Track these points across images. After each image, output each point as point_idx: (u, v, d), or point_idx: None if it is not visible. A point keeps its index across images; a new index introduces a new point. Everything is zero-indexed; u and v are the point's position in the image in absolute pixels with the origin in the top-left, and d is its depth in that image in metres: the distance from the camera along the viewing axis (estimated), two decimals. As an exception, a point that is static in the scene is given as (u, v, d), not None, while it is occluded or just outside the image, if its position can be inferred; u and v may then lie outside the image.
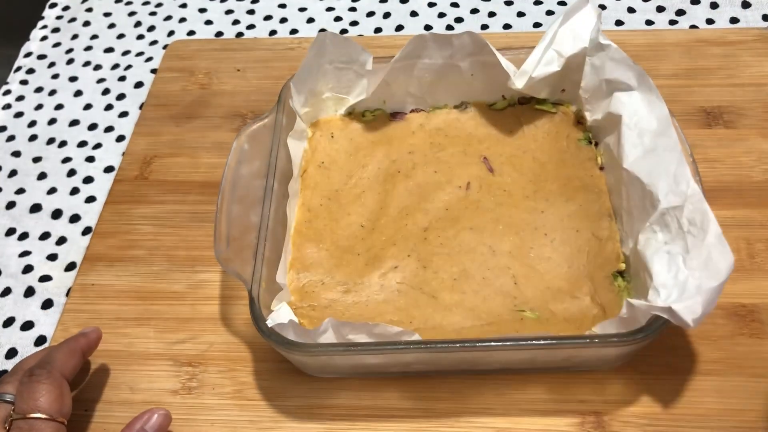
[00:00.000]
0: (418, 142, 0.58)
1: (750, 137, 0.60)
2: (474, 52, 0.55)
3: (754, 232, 0.54)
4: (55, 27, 0.80)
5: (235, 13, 0.79)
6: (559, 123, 0.57)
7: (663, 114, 0.49)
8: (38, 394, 0.39)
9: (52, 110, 0.71)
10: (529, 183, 0.55)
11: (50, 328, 0.55)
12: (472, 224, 0.52)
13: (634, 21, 0.73)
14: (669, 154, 0.46)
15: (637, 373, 0.47)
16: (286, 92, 0.55)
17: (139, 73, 0.74)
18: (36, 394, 0.39)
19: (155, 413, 0.43)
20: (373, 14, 0.77)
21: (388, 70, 0.56)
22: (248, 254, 0.48)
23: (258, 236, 0.48)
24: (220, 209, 0.50)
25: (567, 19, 0.54)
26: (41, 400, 0.39)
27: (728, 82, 0.64)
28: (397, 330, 0.43)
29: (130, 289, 0.55)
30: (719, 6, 0.73)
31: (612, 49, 0.52)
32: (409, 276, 0.50)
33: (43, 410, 0.39)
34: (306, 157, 0.57)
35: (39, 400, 0.39)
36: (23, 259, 0.60)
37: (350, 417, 0.47)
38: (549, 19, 0.74)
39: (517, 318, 0.48)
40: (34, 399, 0.39)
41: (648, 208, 0.46)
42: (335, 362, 0.46)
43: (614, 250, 0.50)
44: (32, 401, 0.39)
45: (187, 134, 0.66)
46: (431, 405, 0.48)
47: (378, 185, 0.56)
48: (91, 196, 0.64)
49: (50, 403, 0.39)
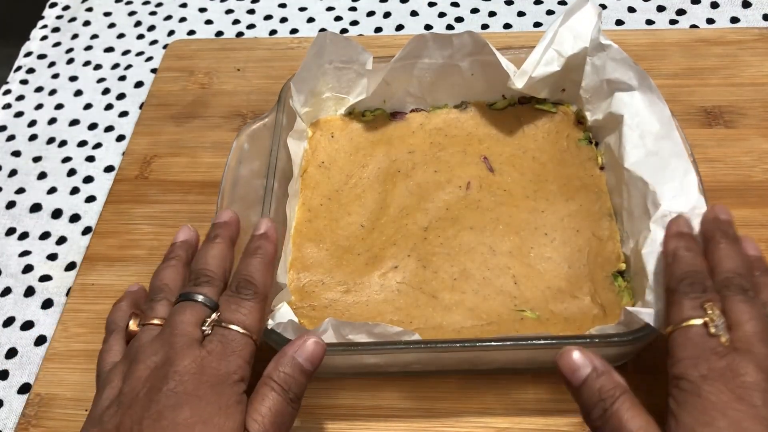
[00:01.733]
0: (418, 141, 0.58)
1: (750, 137, 0.60)
2: (474, 51, 0.55)
3: (754, 231, 0.54)
4: (55, 26, 0.80)
5: (236, 12, 0.79)
6: (560, 123, 0.57)
7: (665, 116, 0.49)
8: (245, 309, 0.40)
9: (52, 110, 0.71)
10: (529, 183, 0.55)
11: (50, 328, 0.55)
12: (472, 224, 0.52)
13: (634, 20, 0.73)
14: (676, 160, 0.47)
15: (637, 373, 0.47)
16: (286, 92, 0.55)
17: (139, 72, 0.74)
18: (243, 309, 0.39)
19: (308, 339, 0.39)
20: (373, 14, 0.77)
21: (388, 69, 0.56)
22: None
23: (258, 236, 0.48)
24: (220, 209, 0.50)
25: (567, 18, 0.54)
26: (247, 316, 0.39)
27: (729, 81, 0.64)
28: (397, 330, 0.43)
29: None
30: (719, 5, 0.73)
31: (613, 49, 0.52)
32: (409, 276, 0.50)
33: (246, 326, 0.39)
34: (306, 157, 0.57)
35: (245, 315, 0.39)
36: (23, 259, 0.60)
37: (350, 417, 0.47)
38: (549, 18, 0.74)
39: (517, 318, 0.48)
40: (241, 313, 0.39)
41: (649, 208, 0.46)
42: (335, 362, 0.46)
43: (614, 250, 0.50)
44: (239, 314, 0.39)
45: (187, 134, 0.66)
46: (431, 405, 0.48)
47: (378, 185, 0.56)
48: (91, 195, 0.64)
49: (253, 322, 0.40)
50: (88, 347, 0.53)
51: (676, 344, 0.37)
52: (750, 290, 0.38)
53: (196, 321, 0.39)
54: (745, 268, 0.40)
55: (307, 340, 0.39)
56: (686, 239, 0.42)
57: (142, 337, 0.40)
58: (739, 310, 0.37)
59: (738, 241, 0.42)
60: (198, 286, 0.41)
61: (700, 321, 0.37)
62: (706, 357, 0.36)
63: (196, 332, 0.39)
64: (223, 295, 0.41)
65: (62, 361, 0.52)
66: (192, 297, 0.40)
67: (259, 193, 0.51)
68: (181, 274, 0.44)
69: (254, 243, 0.44)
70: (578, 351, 0.38)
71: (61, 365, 0.52)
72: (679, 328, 0.38)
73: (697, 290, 0.38)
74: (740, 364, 0.35)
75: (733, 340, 0.36)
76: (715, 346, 0.36)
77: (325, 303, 0.50)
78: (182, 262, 0.44)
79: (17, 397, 0.52)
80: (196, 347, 0.38)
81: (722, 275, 0.39)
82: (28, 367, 0.54)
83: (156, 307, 0.41)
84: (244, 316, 0.39)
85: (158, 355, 0.38)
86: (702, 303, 0.38)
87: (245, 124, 0.55)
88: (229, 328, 0.39)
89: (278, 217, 0.50)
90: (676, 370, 0.37)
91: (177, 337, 0.38)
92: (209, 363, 0.37)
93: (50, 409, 0.50)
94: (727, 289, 0.38)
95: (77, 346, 0.53)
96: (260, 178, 0.52)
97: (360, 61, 0.56)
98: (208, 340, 0.38)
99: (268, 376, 0.38)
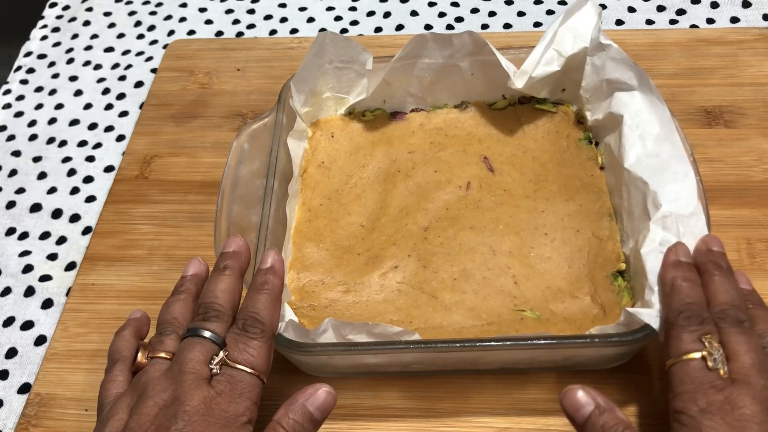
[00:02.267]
0: (418, 141, 0.58)
1: (750, 137, 0.60)
2: (474, 51, 0.55)
3: (754, 231, 0.54)
4: (55, 26, 0.80)
5: (235, 12, 0.79)
6: (560, 123, 0.57)
7: (665, 117, 0.49)
8: (252, 349, 0.39)
9: (52, 110, 0.71)
10: (529, 183, 0.55)
11: (50, 328, 0.55)
12: (472, 224, 0.52)
13: (634, 20, 0.73)
14: (676, 162, 0.47)
15: (637, 372, 0.47)
16: (286, 92, 0.55)
17: (139, 72, 0.74)
18: (251, 349, 0.39)
19: (319, 389, 0.39)
20: (373, 14, 0.77)
21: (388, 69, 0.56)
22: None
23: (258, 236, 0.48)
24: (220, 209, 0.50)
25: (567, 18, 0.54)
26: (255, 356, 0.39)
27: (728, 81, 0.64)
28: (397, 330, 0.43)
29: (130, 288, 0.55)
30: (720, 5, 0.73)
31: (613, 49, 0.52)
32: (409, 276, 0.50)
33: (254, 366, 0.39)
34: (306, 157, 0.57)
35: (253, 356, 0.39)
36: (23, 259, 0.60)
37: (350, 417, 0.47)
38: (549, 18, 0.74)
39: (517, 318, 0.48)
40: (249, 353, 0.39)
41: (649, 209, 0.46)
42: (335, 362, 0.46)
43: (614, 250, 0.50)
44: (247, 354, 0.39)
45: (187, 134, 0.66)
46: (431, 405, 0.48)
47: (378, 185, 0.56)
48: (91, 195, 0.64)
49: (262, 363, 0.39)
50: (88, 347, 0.53)
51: (676, 378, 0.38)
52: (746, 321, 0.39)
53: (205, 358, 0.39)
54: (740, 299, 0.41)
55: (319, 389, 0.39)
56: (684, 269, 0.42)
57: (150, 371, 0.39)
58: (736, 342, 0.38)
59: (731, 272, 0.42)
60: (207, 321, 0.40)
61: (698, 354, 0.38)
62: (704, 391, 0.36)
63: (204, 370, 0.38)
64: (230, 333, 0.40)
65: (62, 361, 0.52)
66: (200, 333, 0.40)
67: (259, 193, 0.51)
68: (191, 309, 0.43)
69: (261, 277, 0.43)
70: (582, 390, 0.38)
71: (61, 365, 0.52)
72: (678, 361, 0.38)
73: (695, 323, 0.39)
74: (738, 397, 0.36)
75: (731, 371, 0.37)
76: (714, 379, 0.37)
77: (325, 303, 0.49)
78: (192, 296, 0.44)
79: (17, 397, 0.52)
80: (204, 387, 0.37)
81: (718, 307, 0.40)
82: (28, 367, 0.54)
83: (165, 340, 0.41)
84: (252, 356, 0.39)
85: (167, 392, 0.37)
86: (700, 336, 0.38)
87: (245, 124, 0.55)
88: (237, 368, 0.39)
89: (278, 216, 0.50)
90: (676, 404, 0.37)
91: (186, 374, 0.38)
92: (218, 404, 0.37)
93: (50, 409, 0.50)
94: (723, 321, 0.39)
95: (77, 346, 0.53)
96: (260, 178, 0.52)
97: (360, 61, 0.56)
98: (217, 380, 0.38)
99: (277, 422, 0.38)
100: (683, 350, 0.38)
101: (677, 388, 0.38)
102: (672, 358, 0.39)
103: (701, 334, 0.38)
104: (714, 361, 0.37)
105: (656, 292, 0.43)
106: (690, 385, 0.37)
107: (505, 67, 0.54)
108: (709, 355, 0.37)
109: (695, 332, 0.38)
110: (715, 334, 0.38)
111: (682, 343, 0.38)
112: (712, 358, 0.37)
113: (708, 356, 0.37)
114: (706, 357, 0.37)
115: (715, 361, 0.37)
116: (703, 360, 0.37)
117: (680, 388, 0.37)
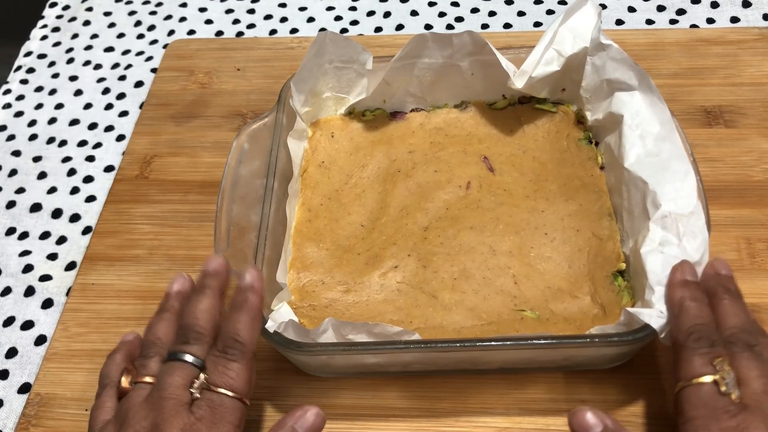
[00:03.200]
0: (418, 141, 0.58)
1: (750, 137, 0.60)
2: (474, 51, 0.55)
3: (754, 231, 0.54)
4: (55, 26, 0.80)
5: (236, 12, 0.79)
6: (560, 122, 0.57)
7: (665, 117, 0.49)
8: (233, 372, 0.39)
9: (52, 109, 0.71)
10: (529, 182, 0.55)
11: (50, 328, 0.55)
12: (472, 224, 0.52)
13: (634, 20, 0.73)
14: (676, 162, 0.47)
15: (637, 372, 0.47)
16: (286, 92, 0.55)
17: (139, 72, 0.74)
18: (231, 372, 0.39)
19: (308, 411, 0.40)
20: (373, 13, 0.77)
21: (388, 69, 0.56)
22: (248, 254, 0.48)
23: (258, 236, 0.48)
24: (220, 209, 0.50)
25: (567, 18, 0.54)
26: (236, 379, 0.39)
27: (728, 81, 0.64)
28: (397, 330, 0.43)
29: (130, 288, 0.55)
30: (719, 5, 0.73)
31: (613, 49, 0.52)
32: (409, 275, 0.50)
33: (234, 389, 0.39)
34: (306, 157, 0.57)
35: (233, 378, 0.39)
36: (23, 259, 0.60)
37: (350, 417, 0.47)
38: (549, 18, 0.74)
39: (517, 318, 0.48)
40: (229, 376, 0.39)
41: (649, 208, 0.46)
42: (335, 362, 0.46)
43: (614, 250, 0.50)
44: (226, 377, 0.39)
45: (187, 134, 0.66)
46: (431, 405, 0.48)
47: (378, 185, 0.56)
48: (91, 195, 0.64)
49: (242, 385, 0.39)
50: (88, 347, 0.53)
51: (687, 402, 0.37)
52: (756, 345, 0.38)
53: (185, 383, 0.39)
54: (751, 324, 0.40)
55: (307, 411, 0.39)
56: (691, 289, 0.41)
57: (132, 397, 0.40)
58: (747, 367, 0.37)
59: (741, 297, 0.42)
60: (187, 344, 0.40)
61: (710, 378, 0.37)
62: (717, 416, 0.36)
63: (184, 395, 0.38)
64: (210, 355, 0.40)
65: (62, 360, 0.52)
66: (180, 357, 0.40)
67: (259, 193, 0.51)
68: (174, 327, 0.43)
69: (240, 296, 0.42)
70: (590, 411, 0.38)
71: (61, 365, 0.52)
72: (689, 385, 0.38)
73: (705, 345, 0.38)
74: (752, 424, 0.35)
75: (742, 396, 0.36)
76: (726, 404, 0.36)
77: (325, 303, 0.50)
78: (176, 314, 0.44)
79: (17, 396, 0.52)
80: (184, 413, 0.37)
81: (728, 331, 0.39)
82: (28, 367, 0.54)
83: (148, 364, 0.41)
84: (232, 378, 0.39)
85: (147, 420, 0.37)
86: (711, 359, 0.38)
87: (245, 124, 0.55)
88: (218, 392, 0.38)
89: (278, 216, 0.50)
90: (688, 429, 0.37)
91: (165, 400, 0.38)
92: (198, 430, 0.37)
93: (50, 409, 0.50)
94: (734, 345, 0.38)
95: (77, 346, 0.53)
96: (260, 177, 0.52)
97: (360, 61, 0.56)
98: (197, 405, 0.38)
99: None
100: (694, 374, 0.37)
101: (688, 413, 0.37)
102: (682, 381, 0.38)
103: (712, 357, 0.38)
104: (727, 385, 0.36)
105: (656, 292, 0.43)
106: (702, 410, 0.36)
107: (505, 67, 0.54)
108: (722, 379, 0.37)
109: (706, 355, 0.38)
110: (726, 357, 0.38)
111: (693, 366, 0.38)
112: (725, 383, 0.37)
113: (721, 381, 0.37)
114: (719, 381, 0.37)
115: (727, 386, 0.36)
116: (715, 384, 0.37)
117: (692, 412, 0.37)
